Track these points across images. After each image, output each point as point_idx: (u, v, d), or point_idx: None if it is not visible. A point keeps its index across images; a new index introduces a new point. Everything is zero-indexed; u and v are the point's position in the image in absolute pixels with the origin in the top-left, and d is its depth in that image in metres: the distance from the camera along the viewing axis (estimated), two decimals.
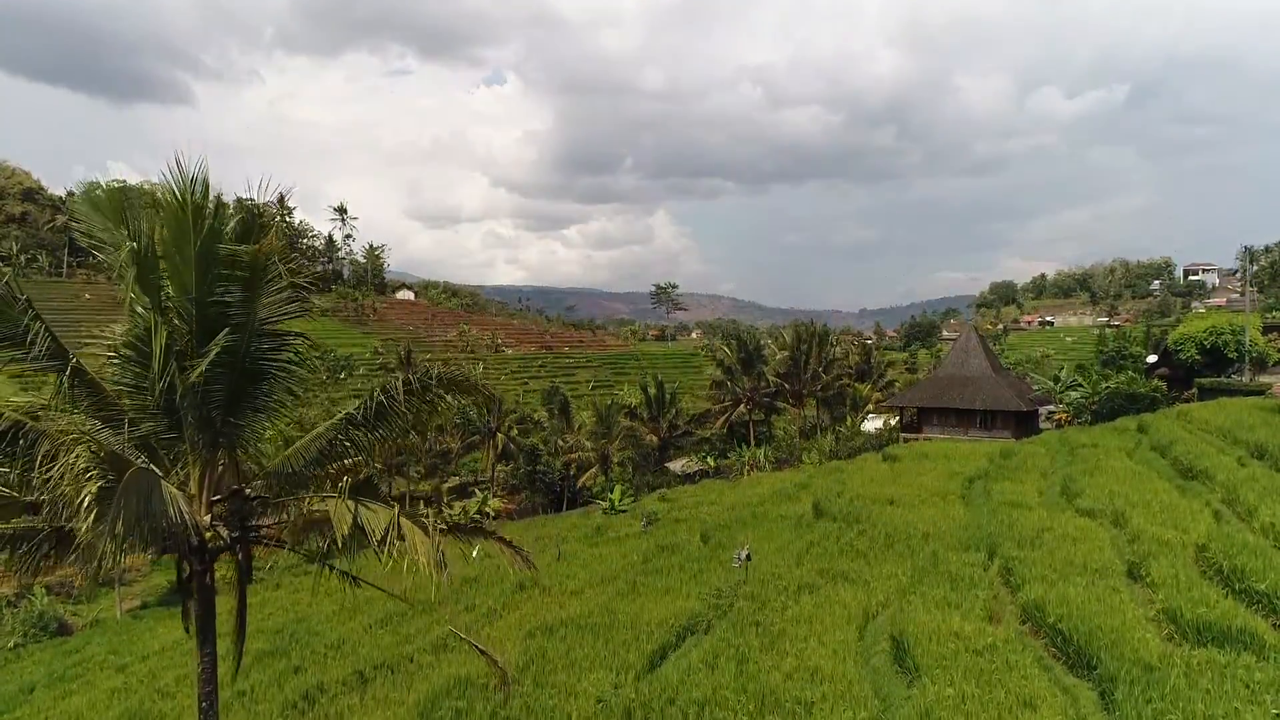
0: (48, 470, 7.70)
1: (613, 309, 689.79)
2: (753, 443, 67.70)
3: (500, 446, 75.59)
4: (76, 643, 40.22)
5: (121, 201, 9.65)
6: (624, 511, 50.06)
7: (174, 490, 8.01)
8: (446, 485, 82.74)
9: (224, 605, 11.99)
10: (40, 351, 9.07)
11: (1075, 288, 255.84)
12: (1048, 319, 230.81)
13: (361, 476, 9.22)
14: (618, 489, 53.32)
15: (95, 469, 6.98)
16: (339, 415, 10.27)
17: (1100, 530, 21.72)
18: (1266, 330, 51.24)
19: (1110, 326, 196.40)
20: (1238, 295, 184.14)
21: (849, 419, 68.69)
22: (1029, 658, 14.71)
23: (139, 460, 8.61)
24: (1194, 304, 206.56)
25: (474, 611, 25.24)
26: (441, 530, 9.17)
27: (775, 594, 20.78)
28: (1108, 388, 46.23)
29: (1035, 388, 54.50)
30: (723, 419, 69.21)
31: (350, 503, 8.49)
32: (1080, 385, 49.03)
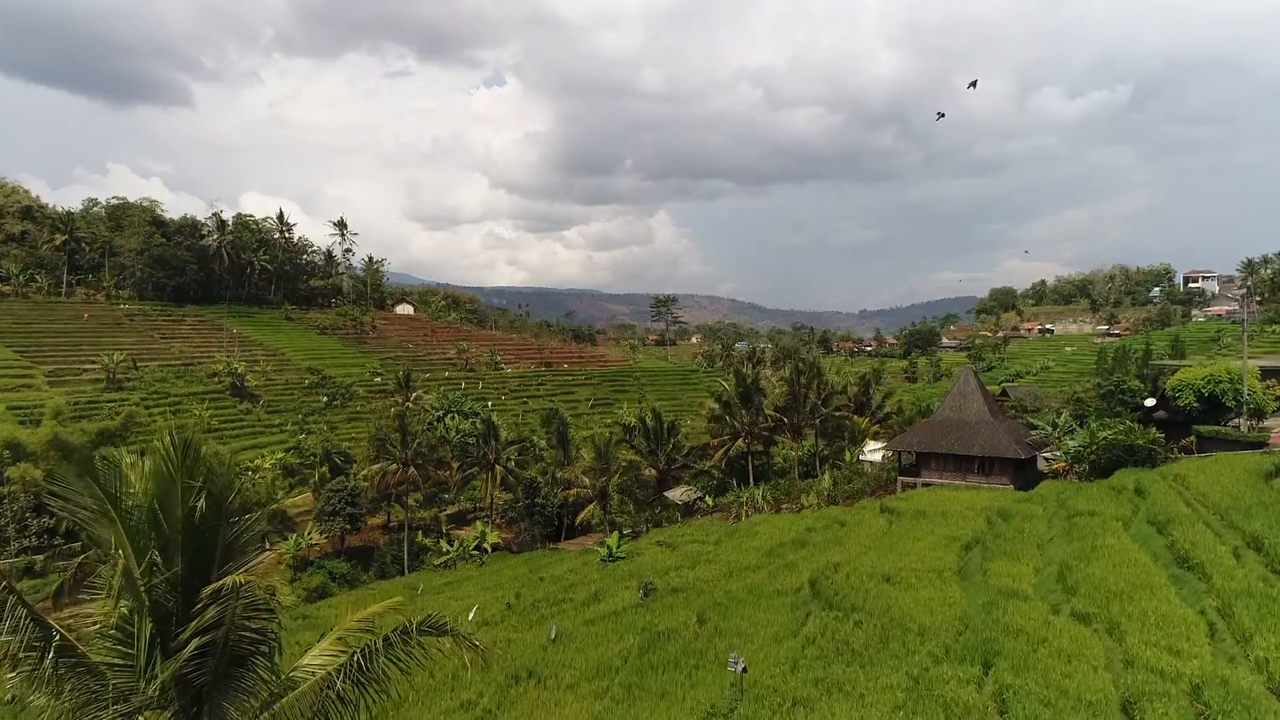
0: None
1: (613, 311, 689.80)
2: (751, 479, 67.72)
3: (499, 478, 75.70)
4: None
5: (115, 479, 9.50)
6: (622, 559, 50.09)
7: None
8: (445, 513, 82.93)
9: None
10: (23, 632, 9.01)
11: (1075, 294, 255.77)
12: (1048, 326, 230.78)
13: None
14: (614, 536, 53.29)
15: None
16: (322, 664, 10.19)
17: (1095, 642, 21.67)
18: (1265, 375, 51.17)
19: (1110, 335, 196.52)
20: (1237, 306, 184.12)
21: (848, 453, 68.75)
22: None
23: None
24: (1194, 312, 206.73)
25: (469, 711, 25.19)
26: None
27: (769, 713, 20.76)
28: (1105, 437, 46.15)
29: (1034, 432, 54.48)
30: (721, 452, 69.24)
31: None
32: (1078, 433, 48.99)
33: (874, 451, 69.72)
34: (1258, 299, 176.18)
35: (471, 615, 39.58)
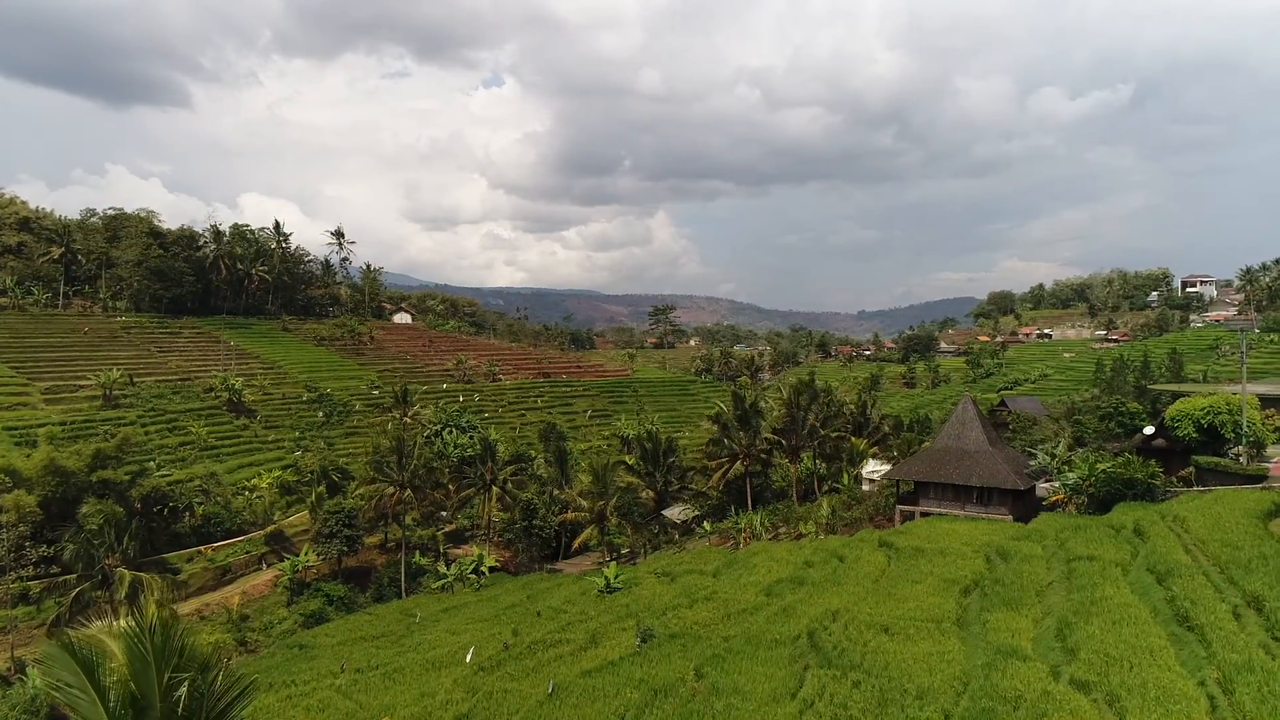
0: None
1: (612, 312, 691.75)
2: (749, 501, 67.57)
3: (496, 498, 75.58)
4: None
5: (91, 657, 9.28)
6: (619, 589, 49.93)
7: None
8: (443, 532, 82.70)
9: None
10: None
11: (1073, 298, 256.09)
12: (1046, 331, 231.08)
13: None
14: (612, 567, 53.10)
15: None
16: None
17: (1094, 716, 21.50)
18: (1264, 404, 51.04)
19: (1108, 341, 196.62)
20: (1235, 312, 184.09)
21: (845, 475, 68.55)
22: None
23: None
24: (1192, 318, 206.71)
25: None
26: None
27: None
28: (1104, 470, 46.05)
29: (1033, 462, 54.34)
30: (719, 475, 69.04)
31: None
32: (1076, 464, 48.88)
33: (873, 471, 69.59)
34: (1254, 308, 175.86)
35: (469, 658, 39.42)
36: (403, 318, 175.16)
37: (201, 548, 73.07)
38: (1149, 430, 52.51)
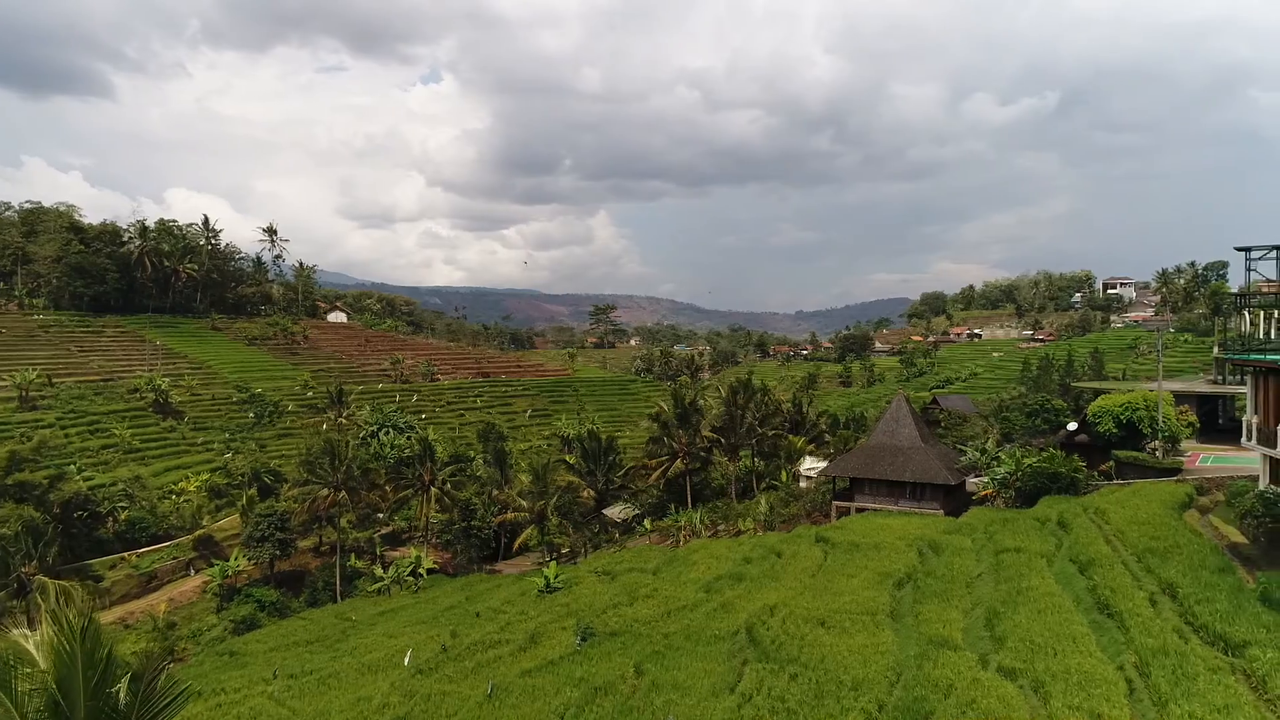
0: None
1: (552, 312, 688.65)
2: (689, 499, 68.03)
3: (435, 499, 74.60)
4: None
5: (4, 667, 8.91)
6: (559, 589, 49.78)
7: None
8: (379, 535, 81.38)
9: None
10: None
11: (1002, 299, 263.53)
12: (976, 331, 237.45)
13: None
14: (553, 566, 52.94)
15: None
16: None
17: (1022, 703, 22.22)
18: (1179, 401, 53.32)
19: (1035, 341, 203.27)
20: (1153, 313, 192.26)
21: (784, 473, 69.51)
22: None
23: None
24: (1112, 318, 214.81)
25: None
26: None
27: None
28: (1030, 465, 47.64)
29: (963, 458, 55.85)
30: (659, 473, 69.37)
31: None
32: (1004, 460, 50.42)
33: (810, 469, 70.68)
34: (1170, 309, 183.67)
35: (407, 660, 38.90)
36: (338, 317, 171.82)
37: (125, 554, 70.65)
38: (1072, 426, 54.41)
